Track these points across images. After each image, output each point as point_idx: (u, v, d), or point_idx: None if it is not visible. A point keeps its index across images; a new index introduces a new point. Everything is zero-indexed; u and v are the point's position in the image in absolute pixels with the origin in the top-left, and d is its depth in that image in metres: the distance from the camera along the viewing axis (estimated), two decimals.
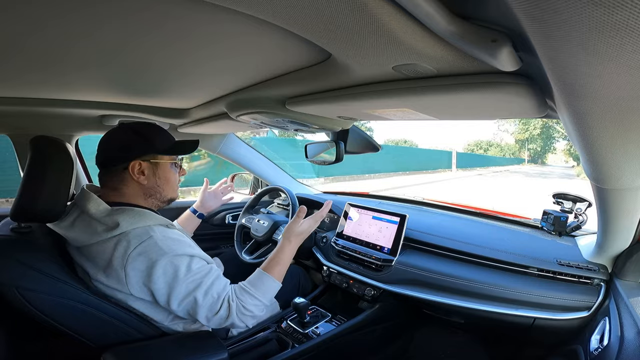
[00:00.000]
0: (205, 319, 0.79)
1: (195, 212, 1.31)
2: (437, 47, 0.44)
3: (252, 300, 0.83)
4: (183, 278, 0.75)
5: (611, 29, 0.22)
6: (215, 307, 0.78)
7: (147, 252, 0.73)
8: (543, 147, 37.61)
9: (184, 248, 0.78)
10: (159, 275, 0.73)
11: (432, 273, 1.09)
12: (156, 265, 0.73)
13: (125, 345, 0.75)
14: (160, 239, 0.75)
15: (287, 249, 0.96)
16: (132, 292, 0.75)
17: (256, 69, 0.70)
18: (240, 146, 1.75)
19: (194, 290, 0.76)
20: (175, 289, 0.75)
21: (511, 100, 0.53)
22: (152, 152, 0.84)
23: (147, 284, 0.74)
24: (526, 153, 38.31)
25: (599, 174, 0.54)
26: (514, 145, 40.06)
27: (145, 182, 0.84)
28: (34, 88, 0.87)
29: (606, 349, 0.68)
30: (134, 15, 0.45)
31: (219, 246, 1.75)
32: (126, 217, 0.76)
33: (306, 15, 0.38)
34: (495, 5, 0.33)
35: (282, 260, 0.94)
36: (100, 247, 0.74)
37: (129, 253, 0.72)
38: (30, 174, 0.72)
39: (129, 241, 0.74)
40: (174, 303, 0.76)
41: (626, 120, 0.37)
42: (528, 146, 37.13)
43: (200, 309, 0.77)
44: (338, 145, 1.08)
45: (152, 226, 0.78)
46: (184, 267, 0.76)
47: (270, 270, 0.91)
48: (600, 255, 0.92)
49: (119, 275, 0.73)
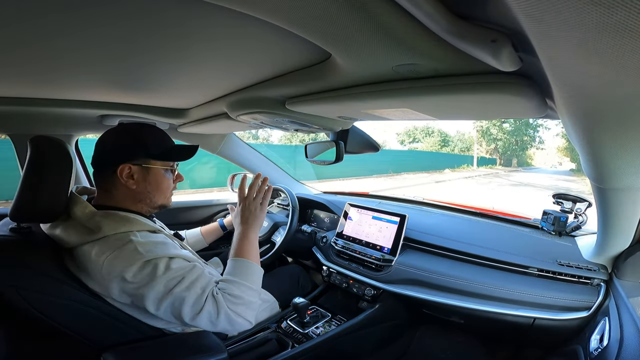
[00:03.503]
0: (191, 318, 0.73)
1: (223, 227, 1.35)
2: (437, 47, 0.44)
3: (236, 286, 0.79)
4: (161, 277, 0.71)
5: (611, 29, 0.22)
6: (199, 302, 0.73)
7: (123, 256, 0.71)
8: (521, 141, 28.00)
9: (165, 250, 0.75)
10: (134, 279, 0.70)
11: (432, 273, 1.09)
12: (130, 268, 0.70)
13: (125, 345, 0.75)
14: (140, 243, 0.73)
15: (245, 231, 0.93)
16: (113, 296, 0.73)
17: (256, 69, 0.70)
18: (240, 146, 1.75)
19: (174, 287, 0.72)
20: (153, 288, 0.71)
21: (511, 100, 0.53)
22: (143, 157, 0.81)
23: (124, 288, 0.71)
24: (486, 147, 28.13)
25: (598, 173, 0.54)
26: (467, 136, 29.47)
27: (135, 186, 0.80)
28: (34, 88, 0.87)
29: (606, 349, 0.68)
30: (134, 15, 0.45)
31: (219, 246, 1.74)
32: (109, 221, 0.74)
33: (306, 15, 0.38)
34: (495, 6, 0.33)
35: (246, 243, 0.90)
36: (82, 251, 0.73)
37: (105, 258, 0.70)
38: (29, 174, 0.72)
39: (107, 246, 0.71)
40: (153, 304, 0.72)
41: (626, 120, 0.37)
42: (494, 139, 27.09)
43: (184, 306, 0.72)
44: (338, 146, 1.08)
45: (135, 231, 0.75)
46: (162, 266, 0.72)
47: (240, 254, 0.87)
48: (600, 255, 0.92)
49: (98, 278, 0.71)
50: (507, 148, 28.73)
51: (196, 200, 1.82)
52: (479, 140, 28.30)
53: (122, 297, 0.73)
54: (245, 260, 0.86)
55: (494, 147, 28.49)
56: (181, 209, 1.75)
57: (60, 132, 1.33)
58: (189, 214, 1.77)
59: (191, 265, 0.77)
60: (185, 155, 0.86)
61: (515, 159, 30.72)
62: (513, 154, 30.04)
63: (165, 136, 0.87)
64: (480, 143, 28.42)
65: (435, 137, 28.92)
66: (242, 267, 0.85)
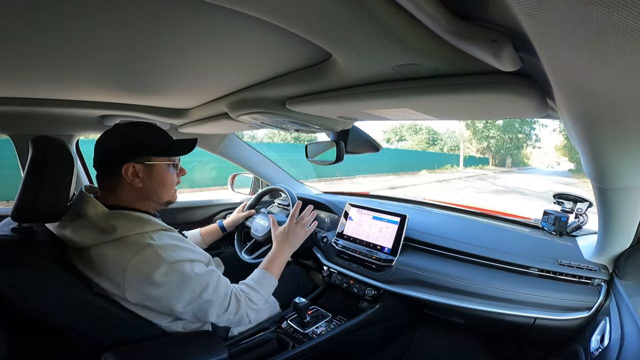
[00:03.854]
0: (216, 317, 0.82)
1: (223, 228, 1.40)
2: (437, 47, 0.44)
3: (256, 294, 0.92)
4: (189, 282, 0.76)
5: (611, 29, 0.22)
6: (224, 304, 0.83)
7: (147, 261, 0.72)
8: (515, 139, 25.40)
9: (183, 253, 0.78)
10: (161, 283, 0.72)
11: (432, 273, 1.09)
12: (156, 273, 0.72)
13: (125, 345, 0.75)
14: (159, 247, 0.75)
15: (284, 249, 1.10)
16: (128, 297, 0.74)
17: (257, 69, 0.70)
18: (241, 146, 1.75)
19: (202, 292, 0.78)
20: (183, 292, 0.75)
21: (511, 100, 0.53)
22: (145, 154, 0.82)
23: (147, 292, 0.73)
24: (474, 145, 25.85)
25: (599, 173, 0.54)
26: (458, 133, 26.14)
27: (141, 184, 0.81)
28: (35, 88, 0.87)
29: (606, 349, 0.67)
30: (135, 15, 0.45)
31: (219, 246, 1.74)
32: (123, 221, 0.75)
33: (306, 15, 0.38)
34: (496, 6, 0.33)
35: (280, 260, 1.06)
36: (97, 251, 0.73)
37: (129, 261, 0.71)
38: (30, 174, 0.72)
39: (128, 248, 0.73)
40: (180, 307, 0.76)
41: (627, 120, 0.37)
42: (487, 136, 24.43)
43: (211, 308, 0.80)
44: (339, 146, 1.08)
45: (150, 232, 0.77)
46: (188, 272, 0.76)
47: (270, 268, 1.02)
48: (601, 256, 0.92)
49: (117, 280, 0.72)
50: (500, 147, 26.42)
51: (196, 201, 1.82)
52: (469, 138, 25.94)
53: (138, 299, 0.74)
54: (273, 277, 1.01)
55: (487, 145, 26.26)
56: (181, 209, 1.75)
57: (61, 132, 1.33)
58: (189, 214, 1.77)
59: (210, 269, 0.83)
60: (186, 149, 0.87)
61: (509, 159, 28.75)
62: (507, 153, 27.87)
63: (163, 132, 0.87)
64: (471, 141, 26.16)
65: (422, 135, 26.46)
66: (268, 282, 0.99)
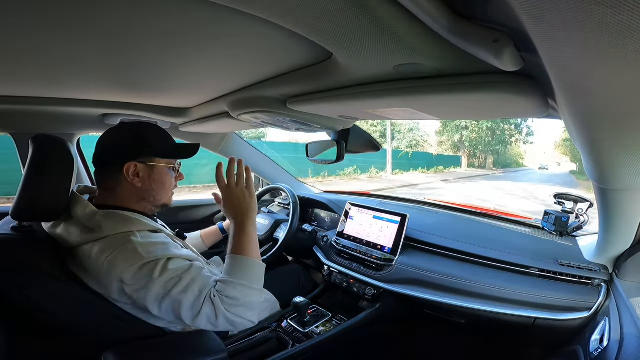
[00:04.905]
0: (191, 320, 0.73)
1: (223, 230, 1.33)
2: (438, 47, 0.44)
3: (233, 287, 0.75)
4: (157, 279, 0.71)
5: (614, 29, 0.22)
6: (197, 304, 0.72)
7: (122, 257, 0.70)
8: (500, 131, 19.04)
9: (165, 251, 0.75)
10: (132, 280, 0.70)
11: (432, 273, 1.09)
12: (129, 270, 0.70)
13: (125, 345, 0.75)
14: (140, 244, 0.73)
15: (240, 221, 0.85)
16: (113, 296, 0.73)
17: (257, 68, 0.70)
18: (241, 145, 1.75)
19: (172, 289, 0.71)
20: (151, 290, 0.71)
21: (513, 100, 0.53)
22: (149, 155, 0.81)
23: (124, 290, 0.71)
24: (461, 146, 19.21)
25: (600, 174, 0.53)
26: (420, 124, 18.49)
27: (140, 184, 0.81)
28: (36, 87, 0.87)
29: (606, 349, 0.67)
30: (135, 14, 0.45)
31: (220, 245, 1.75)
32: (110, 221, 0.74)
33: (307, 14, 0.38)
34: (497, 5, 0.33)
35: (245, 236, 0.83)
36: (83, 250, 0.73)
37: (105, 258, 0.70)
38: (31, 172, 0.72)
39: (108, 246, 0.71)
40: (154, 306, 0.72)
41: (628, 121, 0.37)
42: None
43: (182, 308, 0.71)
44: (339, 145, 1.08)
45: (136, 231, 0.75)
46: (160, 268, 0.72)
47: (238, 250, 0.81)
48: (601, 256, 0.92)
49: (100, 280, 0.72)
50: (477, 141, 20.05)
51: (196, 200, 1.82)
52: (439, 131, 20.08)
53: (122, 297, 0.73)
54: (243, 258, 0.80)
55: (459, 139, 19.76)
56: (181, 208, 1.75)
57: (62, 130, 1.33)
58: (188, 213, 1.77)
59: (189, 264, 0.75)
60: (188, 153, 0.87)
61: (490, 158, 22.05)
62: (486, 149, 20.90)
63: (168, 135, 0.87)
64: (441, 134, 20.35)
65: (375, 127, 17.63)
66: (239, 265, 0.80)
